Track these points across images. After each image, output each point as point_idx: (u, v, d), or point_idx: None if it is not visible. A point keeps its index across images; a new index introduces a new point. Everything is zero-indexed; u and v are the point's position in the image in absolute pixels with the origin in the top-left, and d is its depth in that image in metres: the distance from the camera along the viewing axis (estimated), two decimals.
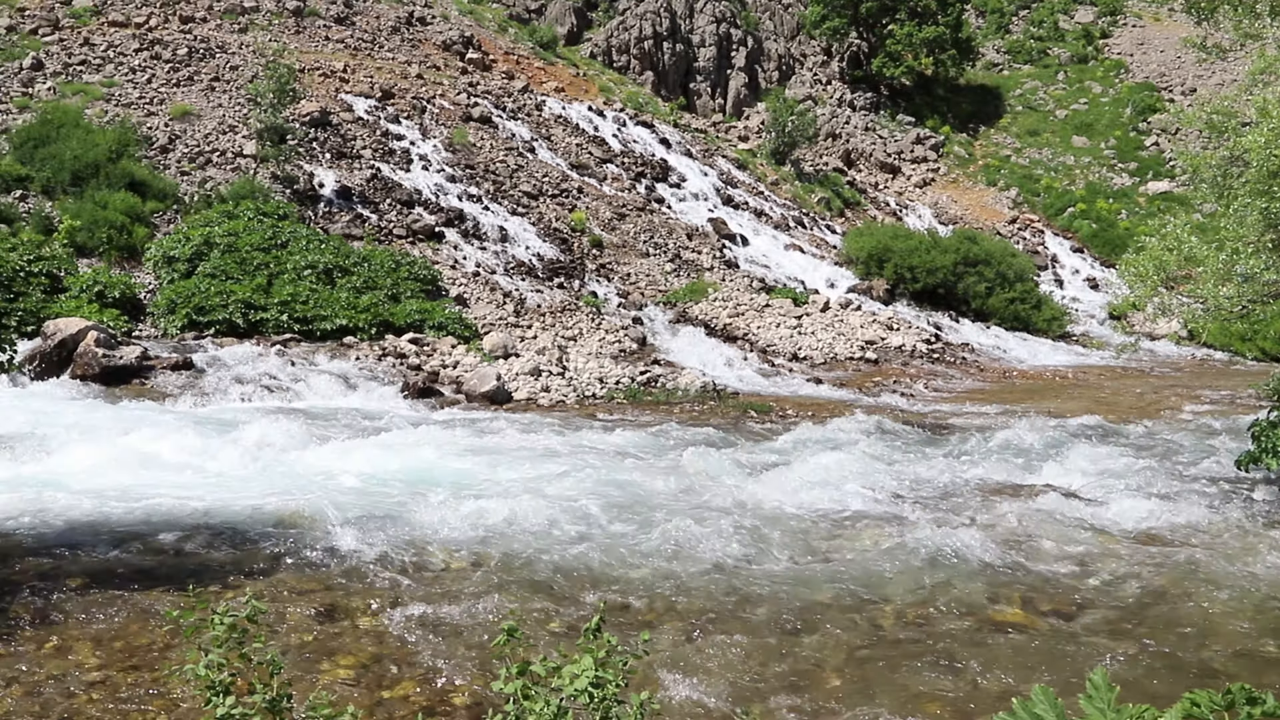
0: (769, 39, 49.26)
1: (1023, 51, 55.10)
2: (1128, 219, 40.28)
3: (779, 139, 39.41)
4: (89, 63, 27.98)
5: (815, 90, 47.98)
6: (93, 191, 21.62)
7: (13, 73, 26.79)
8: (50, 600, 7.53)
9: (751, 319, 25.17)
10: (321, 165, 25.60)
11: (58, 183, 22.10)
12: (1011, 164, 45.66)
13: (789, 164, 39.51)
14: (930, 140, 46.13)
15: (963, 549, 9.61)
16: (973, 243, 30.85)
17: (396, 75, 32.45)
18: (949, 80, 50.10)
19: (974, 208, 42.41)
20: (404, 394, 16.84)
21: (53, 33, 29.38)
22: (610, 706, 3.21)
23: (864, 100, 47.76)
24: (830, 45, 50.16)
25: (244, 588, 7.94)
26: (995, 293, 29.59)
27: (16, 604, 7.41)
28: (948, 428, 16.59)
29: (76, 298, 18.55)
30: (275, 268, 20.33)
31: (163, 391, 15.52)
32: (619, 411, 17.17)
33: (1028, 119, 48.99)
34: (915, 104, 49.08)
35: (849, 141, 44.96)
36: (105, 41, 29.10)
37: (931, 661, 7.22)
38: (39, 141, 22.94)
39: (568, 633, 7.40)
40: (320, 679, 6.35)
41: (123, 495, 10.22)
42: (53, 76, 26.99)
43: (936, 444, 15.03)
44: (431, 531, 9.47)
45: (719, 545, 9.49)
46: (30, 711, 5.83)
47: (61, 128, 23.34)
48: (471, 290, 22.38)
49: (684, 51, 45.05)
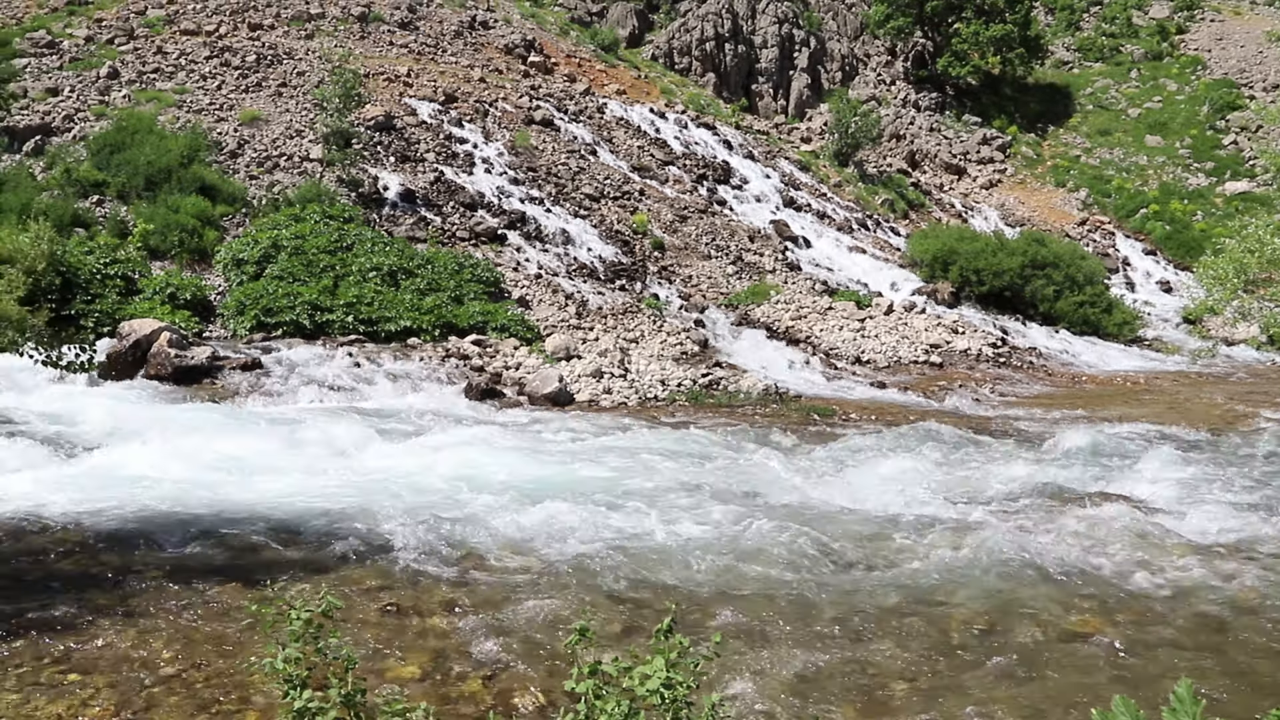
0: (832, 39, 48.88)
1: (1094, 49, 53.91)
2: (1203, 220, 39.24)
3: (842, 140, 39.05)
4: (162, 70, 28.65)
5: (879, 91, 47.49)
6: (165, 196, 22.14)
7: (90, 81, 27.52)
8: (129, 593, 7.70)
9: (814, 322, 24.97)
10: (386, 169, 25.92)
11: (132, 187, 22.65)
12: (1081, 164, 44.73)
13: (852, 165, 39.14)
14: (997, 141, 45.39)
15: (1032, 556, 9.43)
16: (1041, 245, 30.26)
17: (459, 79, 32.75)
18: (1016, 79, 49.20)
19: (1042, 209, 41.63)
20: (467, 395, 16.95)
21: (128, 42, 30.13)
22: (681, 708, 3.17)
23: (929, 100, 47.15)
24: (895, 45, 49.59)
25: (312, 584, 8.05)
26: (1064, 296, 29.00)
27: (98, 596, 7.58)
28: (1015, 433, 16.29)
29: (150, 299, 18.97)
30: (341, 270, 20.61)
31: (232, 391, 15.81)
32: (681, 414, 17.12)
33: (1099, 118, 47.93)
34: (981, 104, 48.30)
35: (913, 142, 44.42)
36: (177, 49, 29.78)
37: (1001, 670, 7.08)
38: (115, 148, 23.54)
39: (629, 634, 7.38)
40: (386, 675, 6.39)
41: (195, 492, 10.43)
42: (128, 84, 27.68)
43: (1003, 449, 14.75)
44: (495, 531, 9.51)
45: (782, 548, 9.41)
46: (113, 701, 5.96)
47: (136, 134, 23.93)
48: (534, 292, 22.49)
49: (746, 53, 44.87)
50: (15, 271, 16.50)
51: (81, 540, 8.93)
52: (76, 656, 6.51)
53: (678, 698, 3.20)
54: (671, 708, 3.17)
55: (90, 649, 6.63)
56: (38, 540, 8.87)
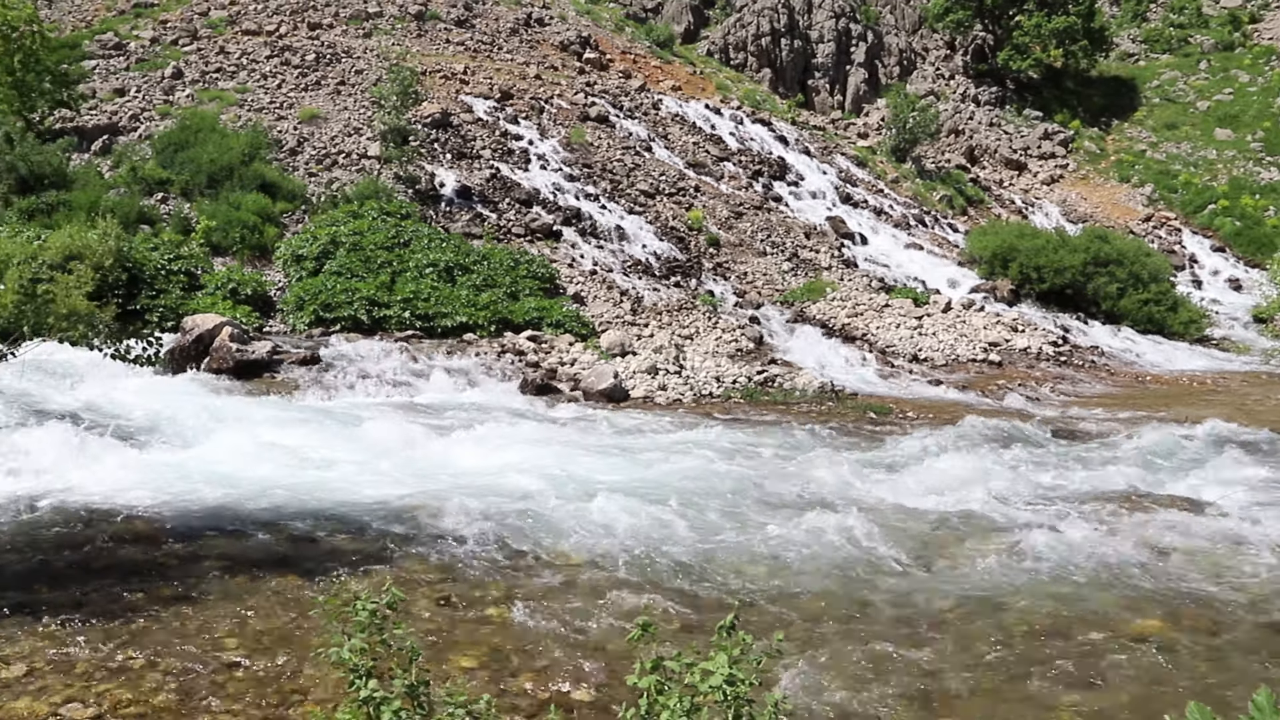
0: (889, 33, 48.35)
1: (1161, 40, 52.61)
2: (1276, 216, 38.19)
3: (899, 135, 38.63)
4: (224, 70, 29.15)
5: (937, 85, 46.89)
6: (227, 193, 22.53)
7: (155, 81, 28.09)
8: (193, 581, 7.84)
9: (870, 319, 24.72)
10: (442, 165, 26.12)
11: (195, 185, 23.07)
12: (1147, 159, 43.75)
13: (910, 161, 38.70)
14: (1059, 135, 44.56)
15: (1095, 558, 9.24)
16: (1104, 241, 29.67)
17: (515, 76, 32.91)
18: (1080, 72, 48.24)
19: (1105, 205, 40.80)
20: (522, 390, 17.02)
21: (191, 43, 30.71)
22: (742, 705, 3.13)
23: (989, 95, 46.43)
24: (954, 39, 48.91)
25: (369, 576, 8.13)
26: (1127, 294, 28.40)
27: (163, 584, 7.73)
28: (1076, 433, 15.99)
29: (212, 295, 19.31)
30: (398, 266, 20.81)
31: (291, 385, 16.02)
32: (736, 411, 17.04)
33: (1165, 111, 46.80)
34: (1043, 98, 47.42)
35: (972, 137, 43.79)
36: (239, 49, 30.28)
37: (1063, 672, 6.94)
38: (179, 146, 24.01)
39: (687, 631, 7.35)
40: (442, 667, 6.43)
41: (255, 484, 10.59)
42: (191, 84, 28.20)
43: (1064, 449, 14.49)
44: (551, 526, 9.53)
45: (839, 547, 9.32)
46: (178, 688, 6.06)
47: (199, 133, 24.39)
48: (589, 288, 22.53)
49: (802, 48, 44.56)
50: (84, 267, 16.84)
51: (147, 529, 9.11)
52: (144, 641, 6.63)
53: (739, 695, 3.17)
54: (733, 705, 3.14)
55: (156, 635, 6.76)
56: (105, 528, 9.06)
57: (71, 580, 7.71)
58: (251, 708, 5.83)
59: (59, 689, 5.88)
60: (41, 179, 22.32)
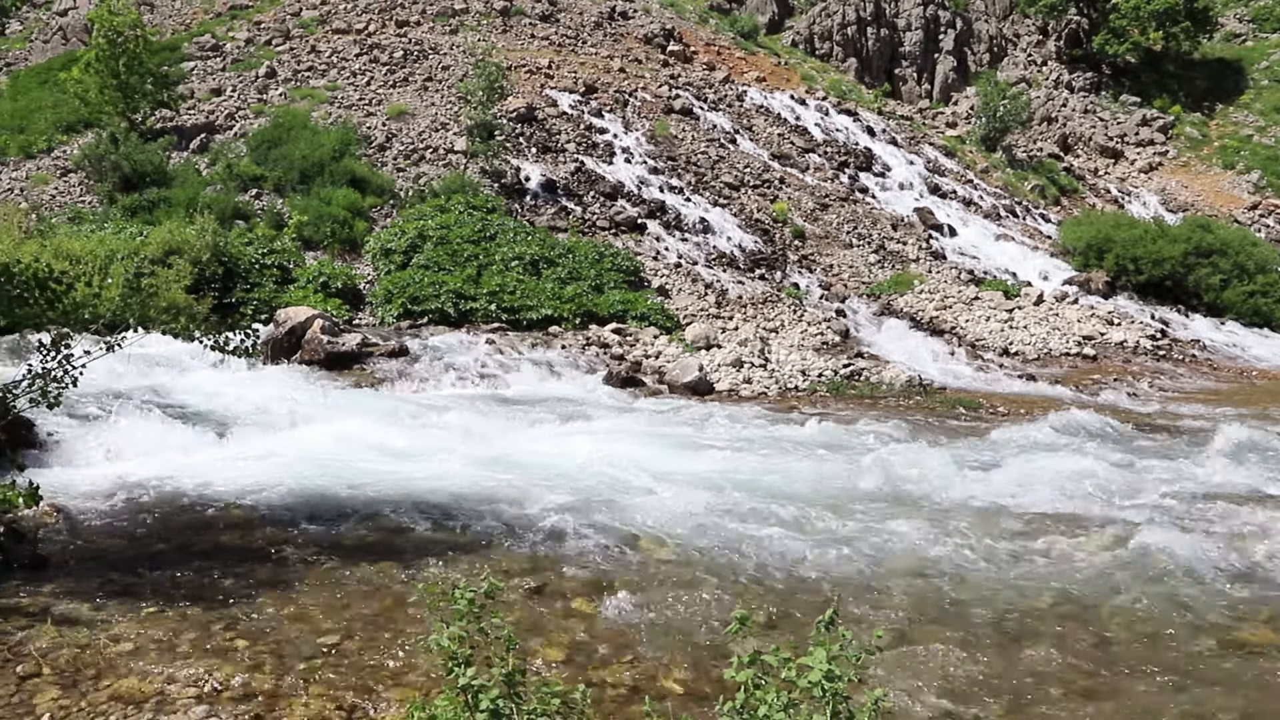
0: (979, 20, 47.30)
1: (1271, 18, 50.30)
2: None
3: (989, 124, 37.77)
4: (315, 69, 29.78)
5: (1029, 72, 45.73)
6: (318, 189, 23.02)
7: (250, 81, 28.84)
8: (288, 567, 8.01)
9: (959, 312, 24.23)
10: (527, 159, 26.31)
11: (288, 181, 23.63)
12: (1254, 144, 42.03)
13: (1000, 150, 37.82)
14: (1158, 121, 43.09)
15: (1199, 560, 8.89)
16: (1206, 231, 28.66)
17: (599, 70, 32.98)
18: (1181, 55, 46.53)
19: (1207, 193, 39.35)
20: (607, 383, 17.06)
21: (284, 42, 31.44)
22: (840, 702, 3.07)
23: (1083, 81, 45.10)
24: (1047, 24, 47.60)
25: (458, 565, 8.21)
26: (1231, 285, 27.40)
27: (259, 569, 7.92)
28: (1177, 430, 15.45)
29: (303, 288, 19.74)
30: (484, 259, 21.02)
31: (380, 377, 16.29)
32: (822, 404, 16.85)
33: (1275, 94, 44.79)
34: (1141, 83, 45.89)
35: (1066, 125, 42.62)
36: (330, 48, 30.91)
37: (1164, 678, 6.69)
38: (272, 143, 24.62)
39: (775, 625, 7.28)
40: (531, 657, 6.45)
41: (346, 473, 10.79)
42: (284, 83, 28.88)
43: (1164, 447, 14.01)
44: (637, 518, 9.52)
45: (929, 544, 9.14)
46: (275, 668, 6.19)
47: (291, 130, 24.99)
48: (673, 281, 22.48)
49: (889, 36, 43.85)
50: (183, 262, 17.44)
51: (244, 515, 9.34)
52: (242, 625, 6.79)
53: (838, 691, 3.10)
54: (831, 701, 3.07)
55: (254, 618, 6.92)
56: (204, 515, 9.32)
57: (171, 563, 7.94)
58: (346, 691, 5.92)
59: (163, 668, 6.05)
60: (143, 177, 23.11)
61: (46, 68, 31.04)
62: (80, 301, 8.62)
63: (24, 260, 8.36)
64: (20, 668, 5.97)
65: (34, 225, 19.99)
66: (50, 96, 28.22)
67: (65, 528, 8.72)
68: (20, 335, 14.44)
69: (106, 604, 7.03)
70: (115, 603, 7.06)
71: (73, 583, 7.42)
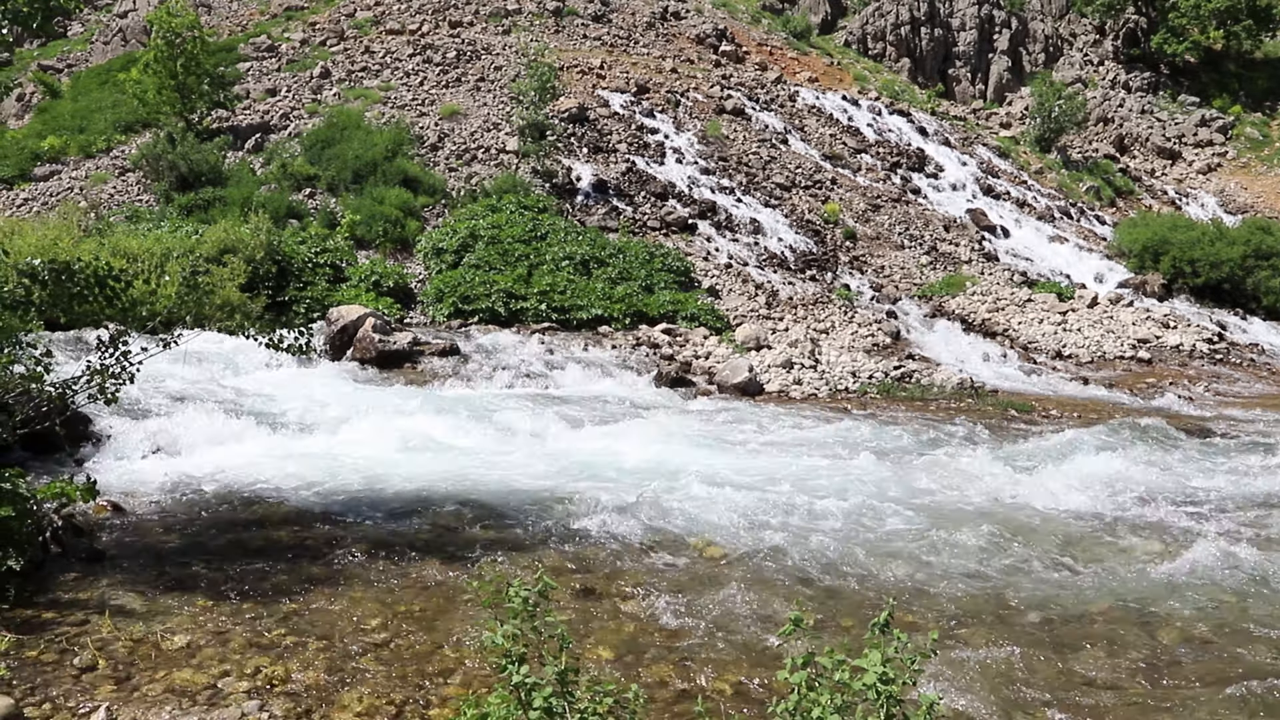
0: (1034, 19, 46.62)
1: None
2: None
3: (1044, 125, 37.22)
4: (369, 69, 30.11)
5: (1085, 72, 45.00)
6: (371, 188, 23.26)
7: (304, 81, 29.22)
8: (339, 563, 8.09)
9: (1012, 314, 23.91)
10: (579, 160, 26.39)
11: (341, 181, 23.90)
12: None
13: (1055, 151, 37.26)
14: (1217, 122, 42.18)
15: (1259, 567, 8.67)
16: (1266, 233, 28.00)
17: (651, 70, 32.99)
18: (1242, 54, 45.48)
19: (1268, 195, 38.43)
20: (656, 383, 17.05)
21: (338, 43, 31.82)
22: (894, 705, 3.04)
23: (1140, 81, 44.27)
24: (1104, 23, 46.78)
25: (510, 563, 8.24)
26: None
27: (311, 565, 8.00)
28: (1235, 435, 15.11)
29: (355, 287, 19.95)
30: (535, 259, 21.11)
31: (431, 375, 16.41)
32: (872, 406, 16.71)
33: None
34: (1200, 82, 44.94)
35: (1122, 126, 41.87)
36: (383, 49, 31.22)
37: (1224, 688, 6.51)
38: (325, 143, 24.91)
39: (822, 627, 7.22)
40: (581, 656, 6.46)
41: (397, 471, 10.87)
42: (338, 83, 29.22)
43: (1222, 452, 13.70)
44: (686, 518, 9.49)
45: (980, 547, 9.02)
46: (326, 663, 6.25)
47: (345, 130, 25.27)
48: (723, 282, 22.43)
49: (942, 36, 43.39)
50: (238, 260, 17.71)
51: (296, 511, 9.44)
52: (294, 620, 6.87)
53: (892, 694, 3.07)
54: (885, 704, 3.04)
55: (305, 613, 6.99)
56: (257, 510, 9.43)
57: (224, 558, 8.04)
58: (396, 687, 5.96)
59: (216, 662, 6.13)
60: (199, 176, 23.50)
61: (106, 69, 31.70)
62: (137, 299, 8.76)
63: (83, 258, 8.51)
64: (78, 659, 6.07)
65: (92, 224, 20.42)
66: (109, 97, 28.81)
67: (121, 522, 8.88)
68: (78, 332, 14.75)
69: (161, 598, 7.14)
70: (169, 597, 7.16)
71: (128, 576, 7.53)
